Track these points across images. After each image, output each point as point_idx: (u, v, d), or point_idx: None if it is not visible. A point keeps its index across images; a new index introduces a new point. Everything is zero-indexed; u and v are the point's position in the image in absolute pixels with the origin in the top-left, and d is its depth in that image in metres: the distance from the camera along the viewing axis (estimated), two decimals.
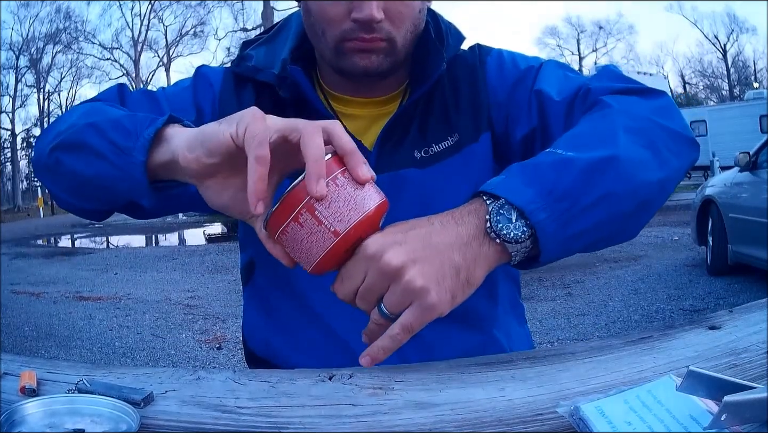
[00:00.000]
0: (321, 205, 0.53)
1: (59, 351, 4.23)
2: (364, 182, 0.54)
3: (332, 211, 0.53)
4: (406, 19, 0.76)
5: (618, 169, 0.61)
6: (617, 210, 0.62)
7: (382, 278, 0.55)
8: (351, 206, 0.53)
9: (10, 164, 38.44)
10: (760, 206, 4.47)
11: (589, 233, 0.61)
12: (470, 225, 0.57)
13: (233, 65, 0.87)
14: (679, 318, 4.12)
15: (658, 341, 0.65)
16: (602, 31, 41.03)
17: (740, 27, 37.40)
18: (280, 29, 0.89)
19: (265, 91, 0.83)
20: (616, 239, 0.68)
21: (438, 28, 0.85)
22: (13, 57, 35.58)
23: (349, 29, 0.74)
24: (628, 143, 0.64)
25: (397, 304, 0.55)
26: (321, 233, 0.53)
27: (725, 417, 0.41)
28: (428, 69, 0.81)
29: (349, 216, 0.53)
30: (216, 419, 0.53)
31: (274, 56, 0.83)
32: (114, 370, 0.65)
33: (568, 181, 0.59)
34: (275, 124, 0.56)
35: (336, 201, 0.53)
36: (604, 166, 0.61)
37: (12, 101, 36.55)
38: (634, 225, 0.68)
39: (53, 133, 0.72)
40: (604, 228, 0.63)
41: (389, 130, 0.82)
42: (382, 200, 0.56)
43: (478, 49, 0.89)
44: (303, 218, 0.53)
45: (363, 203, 0.54)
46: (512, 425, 0.49)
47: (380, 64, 0.76)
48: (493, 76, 0.86)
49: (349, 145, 0.55)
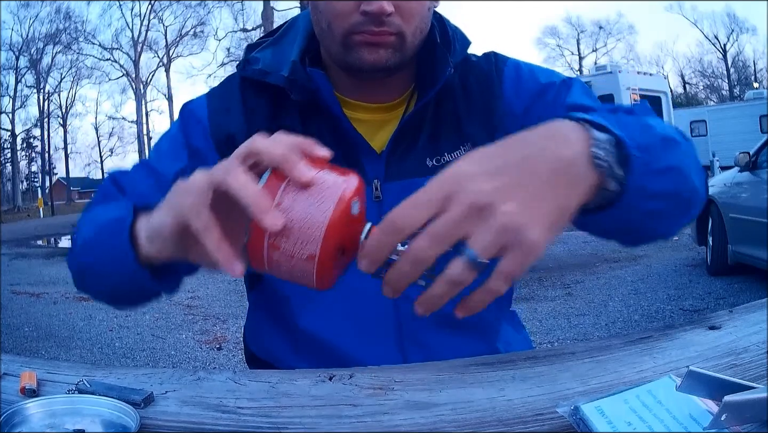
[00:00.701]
0: (282, 239, 0.47)
1: (59, 351, 4.23)
2: (310, 183, 0.47)
3: (295, 239, 0.47)
4: (417, 14, 0.75)
5: (686, 151, 0.63)
6: (680, 187, 0.62)
7: (471, 211, 0.45)
8: (310, 220, 0.47)
9: (10, 165, 38.43)
10: (760, 206, 4.46)
11: (655, 199, 0.59)
12: (574, 145, 0.50)
13: (239, 69, 0.86)
14: (679, 318, 4.12)
15: (658, 341, 0.65)
16: (602, 31, 41.02)
17: (740, 27, 37.39)
18: (286, 31, 0.87)
19: (272, 94, 0.82)
20: (662, 224, 0.66)
21: (444, 32, 0.84)
22: (13, 57, 35.59)
23: (358, 22, 0.73)
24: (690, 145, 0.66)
25: (491, 246, 0.45)
26: (299, 264, 0.48)
27: (725, 417, 0.41)
28: (435, 74, 0.80)
29: (313, 233, 0.46)
30: (216, 420, 0.53)
31: (281, 58, 0.82)
32: (114, 370, 0.65)
33: (650, 140, 0.58)
34: (200, 182, 0.52)
35: (294, 223, 0.47)
36: (675, 144, 0.62)
37: (12, 102, 36.53)
38: (680, 216, 0.66)
39: (69, 258, 0.76)
40: (665, 202, 0.61)
41: (399, 135, 0.81)
42: (345, 188, 0.48)
43: (494, 58, 0.88)
44: (276, 256, 0.48)
45: (321, 208, 0.47)
46: (512, 425, 0.49)
47: (388, 59, 0.75)
48: (510, 86, 0.84)
49: (277, 153, 0.48)
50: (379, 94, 0.83)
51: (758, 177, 4.84)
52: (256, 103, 0.83)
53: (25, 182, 42.32)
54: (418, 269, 0.46)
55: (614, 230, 0.66)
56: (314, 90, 0.79)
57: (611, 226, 0.62)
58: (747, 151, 5.15)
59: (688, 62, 41.57)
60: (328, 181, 0.48)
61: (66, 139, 40.76)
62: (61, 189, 46.99)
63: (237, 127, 0.82)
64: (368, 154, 0.81)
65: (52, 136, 39.60)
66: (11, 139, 37.49)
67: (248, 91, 0.84)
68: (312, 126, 0.81)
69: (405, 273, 0.46)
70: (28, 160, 41.08)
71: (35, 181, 40.87)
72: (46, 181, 39.72)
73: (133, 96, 37.83)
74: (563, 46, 41.52)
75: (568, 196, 0.49)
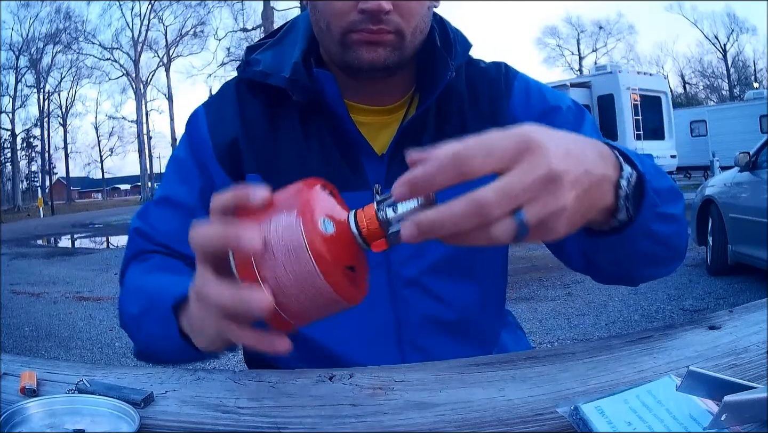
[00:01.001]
0: (286, 299, 0.45)
1: (59, 351, 4.23)
2: (266, 242, 0.45)
3: (298, 293, 0.45)
4: (416, 13, 0.75)
5: (684, 211, 0.68)
6: (674, 238, 0.67)
7: (546, 179, 0.42)
8: (299, 273, 0.44)
9: (10, 164, 38.44)
10: (760, 206, 4.46)
11: (652, 240, 0.62)
12: (609, 168, 0.50)
13: (239, 72, 0.85)
14: (679, 318, 4.12)
15: (658, 341, 0.65)
16: (602, 31, 41.05)
17: (740, 27, 37.42)
18: (287, 32, 0.87)
19: (271, 97, 0.82)
20: (644, 269, 0.72)
21: (445, 34, 0.83)
22: (13, 57, 35.60)
23: (356, 21, 0.72)
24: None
25: (543, 218, 0.43)
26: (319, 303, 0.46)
27: (725, 417, 0.41)
28: (436, 77, 0.80)
29: (311, 281, 0.44)
30: (216, 419, 0.53)
31: (283, 60, 0.81)
32: (114, 370, 0.65)
33: (663, 185, 0.62)
34: (197, 309, 0.52)
35: (288, 283, 0.45)
36: (680, 198, 0.67)
37: (12, 101, 36.56)
38: (660, 267, 0.72)
39: (128, 334, 0.75)
40: (659, 246, 0.65)
41: (401, 139, 0.80)
42: (302, 222, 0.45)
43: (505, 69, 0.87)
44: (292, 309, 0.46)
45: (300, 256, 0.44)
46: (512, 425, 0.49)
47: (387, 58, 0.74)
48: (518, 103, 0.84)
49: (213, 239, 0.47)
50: (380, 96, 0.82)
51: (758, 177, 4.84)
52: (253, 107, 0.83)
53: (25, 182, 42.34)
54: (470, 220, 0.42)
55: (600, 260, 0.69)
56: (316, 91, 0.78)
57: (601, 254, 0.65)
58: (747, 151, 5.15)
59: (688, 62, 41.63)
60: (283, 223, 0.45)
61: (66, 139, 40.83)
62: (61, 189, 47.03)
63: (236, 133, 0.81)
64: (369, 157, 0.80)
65: (52, 136, 39.68)
66: (11, 139, 37.52)
67: (245, 95, 0.84)
68: (312, 127, 0.81)
69: (456, 218, 0.42)
70: (28, 159, 41.13)
71: (35, 180, 40.90)
72: (46, 181, 39.75)
73: (133, 96, 37.88)
74: (563, 46, 41.58)
75: (596, 206, 0.50)
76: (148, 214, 0.84)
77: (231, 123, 0.82)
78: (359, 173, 0.80)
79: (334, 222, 0.47)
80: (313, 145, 0.81)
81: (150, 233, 0.81)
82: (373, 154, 0.80)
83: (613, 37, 40.68)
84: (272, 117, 0.82)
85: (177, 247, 0.79)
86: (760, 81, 35.82)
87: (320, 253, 0.44)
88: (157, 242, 0.81)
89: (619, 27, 40.84)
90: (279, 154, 0.81)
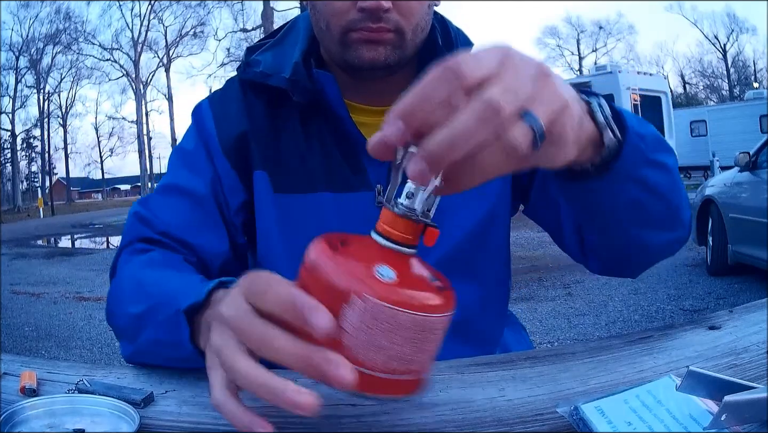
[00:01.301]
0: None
1: (59, 351, 4.23)
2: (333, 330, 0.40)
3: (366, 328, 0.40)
4: (416, 11, 0.74)
5: (676, 165, 0.66)
6: (668, 190, 0.64)
7: (535, 76, 0.41)
8: (386, 326, 0.40)
9: (10, 165, 38.44)
10: (760, 206, 4.47)
11: (643, 187, 0.60)
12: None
13: (239, 72, 0.85)
14: (679, 318, 4.12)
15: (658, 341, 0.65)
16: (602, 31, 41.05)
17: (740, 27, 37.42)
18: (287, 32, 0.86)
19: (272, 97, 0.81)
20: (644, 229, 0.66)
21: (446, 33, 0.83)
22: (13, 57, 35.61)
23: (355, 19, 0.72)
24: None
25: (546, 108, 0.40)
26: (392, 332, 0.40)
27: (725, 417, 0.41)
28: None
29: (405, 325, 0.40)
30: (216, 419, 0.53)
31: (283, 60, 0.81)
32: (114, 370, 0.65)
33: (646, 131, 0.59)
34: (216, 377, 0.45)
35: (375, 341, 0.40)
36: (669, 150, 0.64)
37: (12, 102, 36.57)
38: (661, 227, 0.68)
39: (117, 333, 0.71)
40: (652, 196, 0.62)
41: None
42: (347, 277, 0.40)
43: None
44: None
45: (378, 313, 0.40)
46: (512, 425, 0.49)
47: (387, 57, 0.74)
48: None
49: (297, 314, 0.40)
50: (381, 96, 0.81)
51: (758, 177, 4.84)
52: (256, 105, 0.82)
53: (25, 182, 42.34)
54: (483, 127, 0.37)
55: (594, 228, 0.67)
56: (317, 91, 0.78)
57: (598, 206, 0.62)
58: (747, 151, 5.15)
59: (688, 62, 41.63)
60: (358, 314, 0.40)
61: (66, 139, 40.84)
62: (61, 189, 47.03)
63: (244, 127, 0.81)
64: (371, 158, 0.79)
65: (52, 136, 39.69)
66: (11, 139, 37.53)
67: (249, 93, 0.83)
68: (313, 128, 0.81)
69: (466, 127, 0.37)
70: (28, 160, 41.14)
71: (35, 181, 40.91)
72: (46, 181, 39.77)
73: (133, 96, 37.87)
74: (563, 46, 41.57)
75: (582, 126, 0.48)
76: (151, 201, 0.81)
77: (238, 118, 0.82)
78: (361, 174, 0.79)
79: (385, 264, 0.41)
80: (315, 145, 0.80)
81: (151, 219, 0.79)
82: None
83: (613, 37, 40.70)
84: (274, 117, 0.82)
85: (180, 235, 0.77)
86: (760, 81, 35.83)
87: (411, 302, 0.40)
88: (158, 230, 0.78)
89: (619, 27, 40.87)
90: (282, 154, 0.81)
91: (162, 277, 0.68)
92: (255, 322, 0.42)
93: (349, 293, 0.39)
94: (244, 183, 0.81)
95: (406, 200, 0.42)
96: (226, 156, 0.81)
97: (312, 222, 0.79)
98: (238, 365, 0.43)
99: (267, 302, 0.42)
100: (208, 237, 0.79)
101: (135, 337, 0.66)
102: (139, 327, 0.64)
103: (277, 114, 0.82)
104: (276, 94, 0.81)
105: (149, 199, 0.82)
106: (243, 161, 0.81)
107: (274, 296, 0.42)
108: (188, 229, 0.78)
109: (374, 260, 0.41)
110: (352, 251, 0.42)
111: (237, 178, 0.81)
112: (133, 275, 0.72)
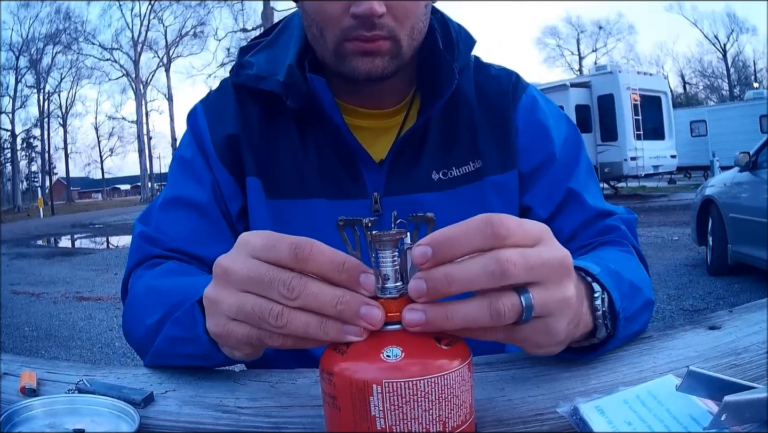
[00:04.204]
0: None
1: (59, 351, 4.24)
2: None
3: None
4: (411, 15, 0.71)
5: (650, 313, 0.69)
6: (642, 327, 0.68)
7: (557, 263, 0.44)
8: (417, 402, 0.41)
9: (10, 165, 38.44)
10: (760, 206, 4.47)
11: (623, 340, 0.63)
12: (581, 288, 0.53)
13: (232, 75, 0.83)
14: (679, 318, 4.12)
15: (658, 341, 0.65)
16: (602, 31, 41.07)
17: (740, 27, 37.44)
18: (281, 32, 0.83)
19: (267, 99, 0.79)
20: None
21: (447, 33, 0.80)
22: (13, 57, 35.61)
23: (349, 27, 0.69)
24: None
25: (551, 303, 0.44)
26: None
27: (725, 417, 0.41)
28: (439, 81, 0.76)
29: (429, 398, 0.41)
30: (216, 419, 0.53)
31: (276, 62, 0.78)
32: (114, 370, 0.65)
33: (634, 307, 0.62)
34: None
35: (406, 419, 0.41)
36: (650, 305, 0.68)
37: (12, 102, 36.59)
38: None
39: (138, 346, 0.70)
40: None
41: (401, 146, 0.77)
42: (356, 374, 0.41)
43: (516, 79, 0.86)
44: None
45: (400, 392, 0.40)
46: (512, 425, 0.49)
47: (385, 68, 0.71)
48: (522, 115, 0.83)
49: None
50: (379, 100, 0.80)
51: (758, 177, 4.84)
52: (250, 109, 0.80)
53: (25, 182, 42.33)
54: (485, 278, 0.41)
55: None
56: (312, 96, 0.76)
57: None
58: (747, 151, 5.15)
59: (688, 62, 41.65)
60: (386, 406, 0.41)
61: (66, 139, 40.86)
62: (61, 189, 47.04)
63: (236, 130, 0.80)
64: (368, 165, 0.78)
65: (52, 136, 39.72)
66: (11, 139, 37.53)
67: (242, 95, 0.81)
68: (308, 133, 0.79)
69: (473, 272, 0.40)
70: (28, 160, 41.11)
71: (35, 181, 40.87)
72: (46, 181, 39.77)
73: (133, 96, 37.89)
74: (563, 46, 41.60)
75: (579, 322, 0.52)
76: (155, 218, 0.79)
77: (230, 120, 0.80)
78: (358, 182, 0.78)
79: (389, 345, 0.42)
80: (311, 151, 0.79)
81: (158, 237, 0.77)
82: (371, 163, 0.78)
83: (613, 37, 40.73)
84: (269, 121, 0.80)
85: (192, 250, 0.76)
86: (760, 81, 35.84)
87: (426, 368, 0.41)
88: (166, 246, 0.76)
89: (619, 27, 40.89)
90: (277, 159, 0.79)
91: (178, 281, 0.67)
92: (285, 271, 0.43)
93: (370, 385, 0.41)
94: (240, 187, 0.80)
95: (387, 283, 0.44)
96: (221, 160, 0.79)
97: (306, 228, 0.77)
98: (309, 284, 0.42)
99: (313, 262, 0.42)
100: (217, 247, 0.78)
101: (153, 341, 0.64)
102: (157, 331, 0.63)
103: (272, 118, 0.80)
104: (270, 98, 0.79)
105: (152, 217, 0.80)
106: (236, 165, 0.79)
107: (321, 256, 0.42)
108: (196, 242, 0.77)
109: (379, 347, 0.42)
110: (356, 347, 0.43)
111: (233, 183, 0.80)
112: (150, 285, 0.70)
